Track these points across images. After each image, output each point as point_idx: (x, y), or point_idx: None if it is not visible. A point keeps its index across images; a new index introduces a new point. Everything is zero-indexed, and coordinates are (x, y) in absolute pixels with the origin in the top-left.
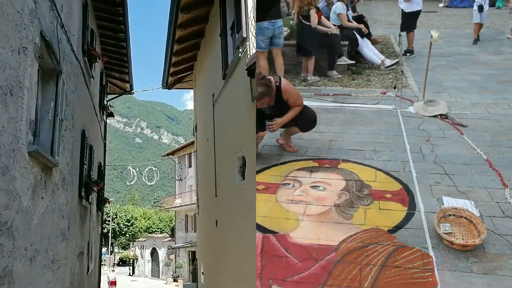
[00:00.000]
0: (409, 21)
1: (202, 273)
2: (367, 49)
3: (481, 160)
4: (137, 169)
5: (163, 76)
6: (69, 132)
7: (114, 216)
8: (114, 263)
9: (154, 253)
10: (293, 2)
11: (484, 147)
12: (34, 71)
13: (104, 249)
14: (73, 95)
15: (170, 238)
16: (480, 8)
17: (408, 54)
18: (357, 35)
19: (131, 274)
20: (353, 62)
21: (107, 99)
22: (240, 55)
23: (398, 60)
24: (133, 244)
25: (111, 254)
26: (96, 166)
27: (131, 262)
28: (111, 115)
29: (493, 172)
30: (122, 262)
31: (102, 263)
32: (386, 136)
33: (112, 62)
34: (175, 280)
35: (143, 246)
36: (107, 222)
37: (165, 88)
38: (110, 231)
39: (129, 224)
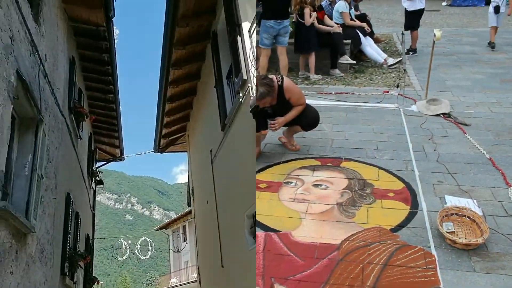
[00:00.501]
0: (412, 19)
1: None
2: (370, 47)
3: (484, 159)
4: (129, 241)
5: (154, 138)
6: (50, 193)
7: None
8: None
9: None
10: (294, 1)
11: (487, 146)
12: (7, 113)
13: None
14: (56, 152)
15: None
16: (497, 9)
17: (411, 53)
18: (360, 34)
19: None
20: (355, 61)
21: (96, 166)
22: (241, 99)
23: (401, 59)
24: None
25: None
26: (83, 238)
27: None
28: (100, 182)
29: (496, 171)
30: None
31: None
32: (389, 135)
33: (101, 126)
34: None
35: None
36: None
37: (157, 152)
38: None
39: None
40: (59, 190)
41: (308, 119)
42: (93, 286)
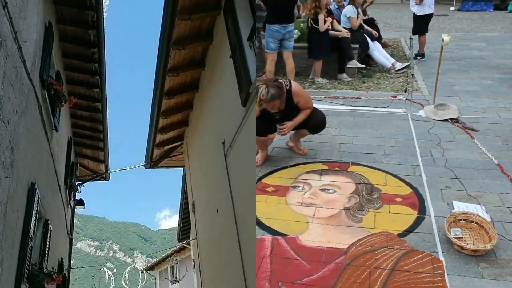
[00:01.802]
0: (421, 24)
1: None
2: (378, 52)
3: (492, 165)
4: (115, 270)
5: (147, 148)
6: (1, 168)
7: None
8: None
9: None
10: (304, 6)
11: (495, 152)
12: None
13: None
14: (17, 118)
15: None
16: None
17: (419, 58)
18: (368, 39)
19: None
20: (364, 65)
21: (76, 181)
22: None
23: (408, 63)
24: None
25: None
26: (54, 260)
27: None
28: (80, 203)
29: (504, 177)
30: None
31: None
32: (396, 140)
33: (84, 133)
34: None
35: None
36: None
37: (148, 167)
38: None
39: None
40: (17, 172)
41: (315, 122)
42: None
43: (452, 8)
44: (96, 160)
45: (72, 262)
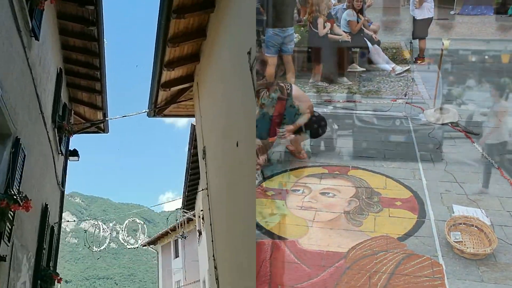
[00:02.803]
0: (420, 28)
1: None
2: (378, 56)
3: (492, 169)
4: (111, 225)
5: (151, 89)
6: None
7: None
8: None
9: None
10: (303, 10)
11: (496, 156)
12: None
13: None
14: None
15: None
16: None
17: (419, 62)
18: (368, 42)
19: None
20: (364, 69)
21: (70, 128)
22: None
23: (409, 67)
24: None
25: None
26: (37, 202)
27: None
28: (74, 153)
29: (504, 181)
30: None
31: None
32: (396, 144)
33: (79, 71)
34: None
35: None
36: None
37: (152, 114)
38: None
39: None
40: None
41: (316, 126)
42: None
43: (452, 12)
44: (93, 107)
45: (76, 240)
